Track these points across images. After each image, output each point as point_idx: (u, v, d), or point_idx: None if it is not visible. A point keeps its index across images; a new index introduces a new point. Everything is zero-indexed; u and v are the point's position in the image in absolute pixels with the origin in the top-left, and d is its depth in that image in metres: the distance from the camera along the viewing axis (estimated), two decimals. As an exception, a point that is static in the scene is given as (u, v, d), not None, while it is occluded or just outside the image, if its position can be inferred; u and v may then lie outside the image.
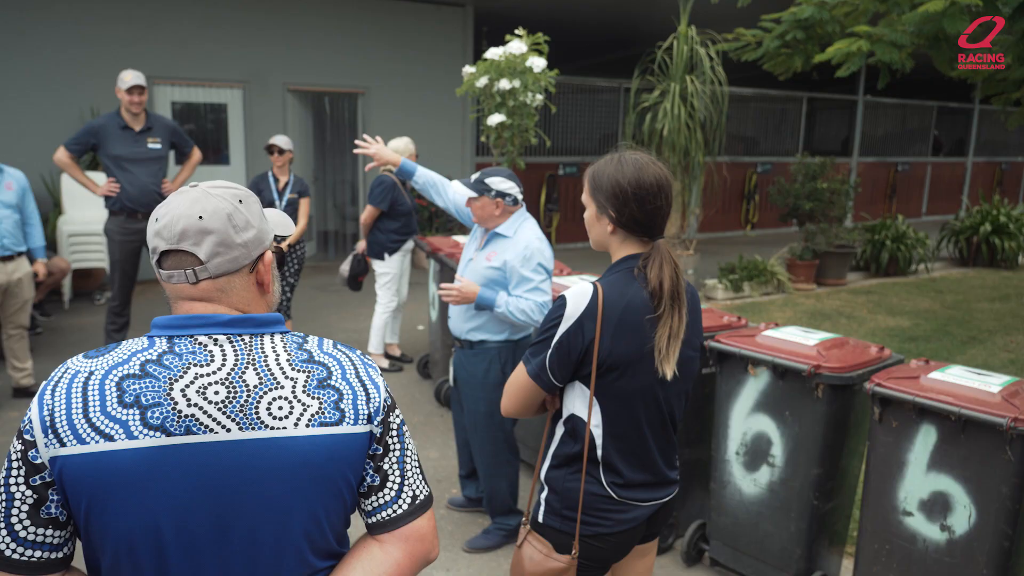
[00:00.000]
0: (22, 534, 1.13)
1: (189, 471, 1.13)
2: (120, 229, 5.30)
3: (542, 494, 2.03)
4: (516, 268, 3.19)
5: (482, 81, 5.53)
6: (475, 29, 10.95)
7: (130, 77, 5.16)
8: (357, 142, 3.57)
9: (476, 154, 11.07)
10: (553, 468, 2.02)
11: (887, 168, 16.00)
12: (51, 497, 1.13)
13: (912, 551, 2.63)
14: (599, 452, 1.94)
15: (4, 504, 1.13)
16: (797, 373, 2.90)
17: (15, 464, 1.14)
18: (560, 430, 2.01)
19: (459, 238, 5.52)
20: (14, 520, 1.13)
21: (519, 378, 1.99)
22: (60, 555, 1.16)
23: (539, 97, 5.56)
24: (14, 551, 1.13)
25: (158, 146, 5.35)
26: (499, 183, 3.25)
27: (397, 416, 1.32)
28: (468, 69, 5.67)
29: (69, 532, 1.17)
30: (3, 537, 1.13)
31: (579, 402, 1.95)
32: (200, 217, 1.21)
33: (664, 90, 8.25)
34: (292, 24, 9.34)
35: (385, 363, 6.02)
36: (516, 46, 5.37)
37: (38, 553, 1.14)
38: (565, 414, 1.99)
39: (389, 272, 5.80)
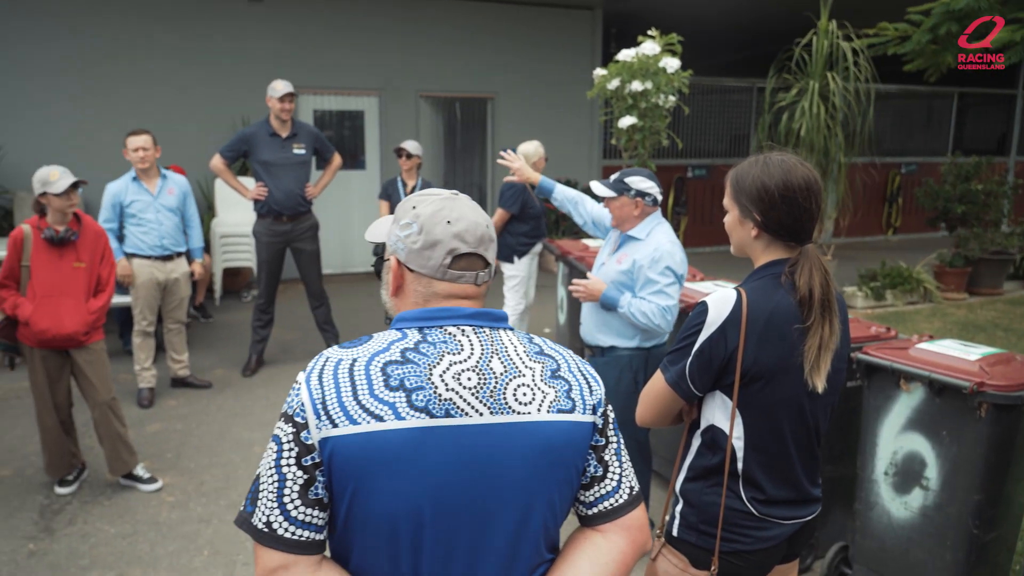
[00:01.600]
0: (293, 513, 1.19)
1: (448, 452, 1.20)
2: (267, 231, 5.61)
3: (677, 507, 1.98)
4: (643, 269, 3.15)
5: (614, 83, 5.48)
6: (603, 31, 10.89)
7: (281, 86, 5.47)
8: (501, 153, 3.71)
9: (604, 157, 11.00)
10: (689, 480, 1.96)
11: (1051, 168, 14.69)
12: (318, 478, 1.19)
13: (1090, 591, 2.39)
14: (740, 465, 1.87)
15: (277, 484, 1.20)
16: (957, 390, 2.70)
17: (286, 445, 1.20)
18: (697, 441, 1.95)
19: (588, 242, 5.49)
20: (286, 499, 1.19)
21: (656, 386, 1.95)
22: (321, 537, 1.22)
23: (671, 98, 5.45)
24: (286, 529, 1.19)
25: (303, 152, 5.64)
26: (639, 182, 3.22)
27: (611, 410, 1.38)
28: (599, 71, 5.63)
29: (327, 516, 1.23)
30: (276, 516, 1.19)
31: (719, 413, 1.88)
32: (487, 225, 1.34)
33: (802, 88, 7.90)
34: (424, 33, 9.62)
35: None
36: (649, 47, 5.28)
37: (305, 533, 1.20)
38: (703, 425, 1.93)
39: (518, 275, 5.85)
